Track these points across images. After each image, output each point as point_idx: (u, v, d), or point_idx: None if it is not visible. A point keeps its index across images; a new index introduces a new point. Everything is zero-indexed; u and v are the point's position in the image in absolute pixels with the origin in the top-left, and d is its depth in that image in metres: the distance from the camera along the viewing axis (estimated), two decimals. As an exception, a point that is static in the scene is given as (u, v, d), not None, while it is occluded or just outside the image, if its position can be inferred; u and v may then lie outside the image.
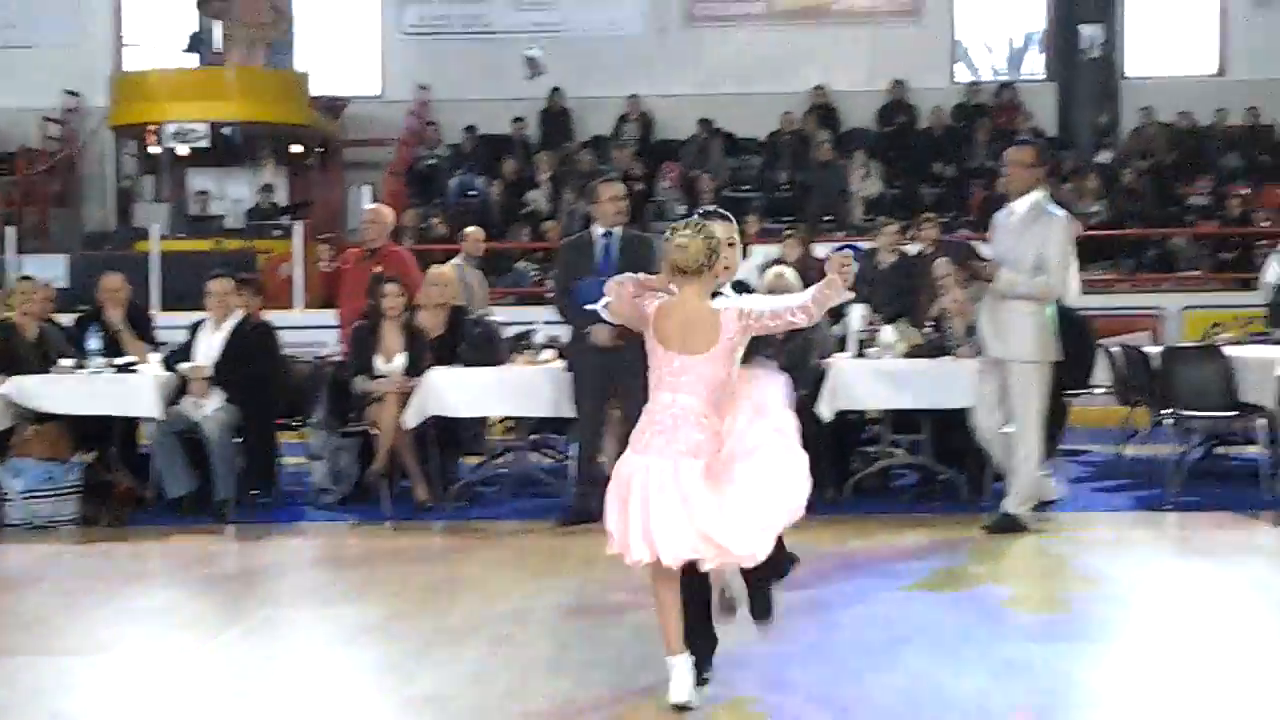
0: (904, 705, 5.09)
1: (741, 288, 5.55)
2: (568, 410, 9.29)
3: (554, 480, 10.14)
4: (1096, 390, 11.22)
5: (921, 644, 5.98)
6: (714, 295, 5.12)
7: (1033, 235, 8.52)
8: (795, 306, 5.07)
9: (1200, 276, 17.49)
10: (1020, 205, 8.64)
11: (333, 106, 21.27)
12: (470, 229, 12.60)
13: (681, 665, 5.08)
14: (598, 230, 9.09)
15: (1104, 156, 19.35)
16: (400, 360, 9.80)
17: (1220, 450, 11.34)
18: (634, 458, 5.05)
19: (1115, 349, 11.20)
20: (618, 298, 5.16)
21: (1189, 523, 9.07)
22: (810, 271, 10.78)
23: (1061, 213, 8.80)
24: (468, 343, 10.07)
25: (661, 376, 5.06)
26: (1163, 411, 9.91)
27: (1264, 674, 5.35)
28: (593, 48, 21.11)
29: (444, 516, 9.48)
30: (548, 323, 10.54)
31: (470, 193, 19.62)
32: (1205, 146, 19.73)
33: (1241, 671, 5.49)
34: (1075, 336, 10.06)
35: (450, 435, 9.98)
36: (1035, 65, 21.92)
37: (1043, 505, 8.89)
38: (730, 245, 5.25)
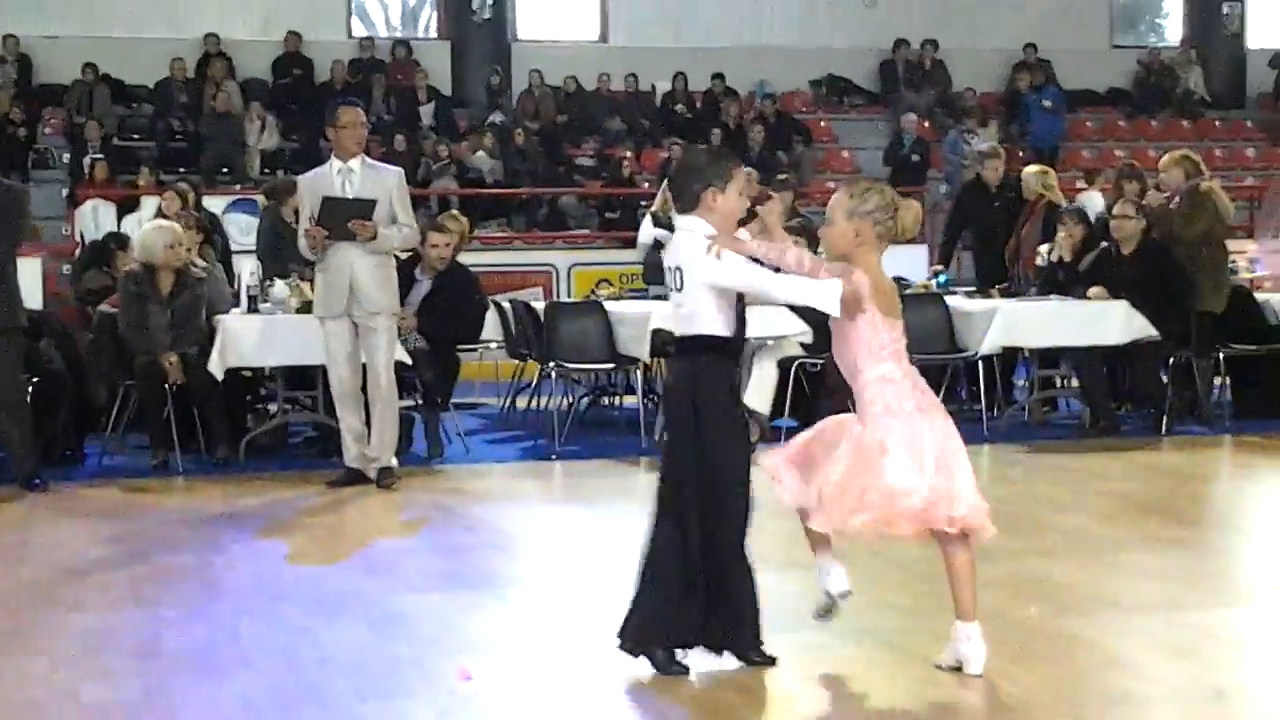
0: (282, 662, 5.03)
1: None
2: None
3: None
4: (491, 345, 11.51)
5: (302, 601, 5.93)
6: None
7: (377, 189, 8.57)
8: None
9: (588, 235, 18.27)
10: (355, 164, 8.65)
11: None
12: None
13: (976, 633, 4.86)
14: (-44, 178, 8.47)
15: (497, 116, 19.80)
16: None
17: (603, 401, 11.93)
18: (923, 418, 4.86)
19: (506, 305, 11.52)
20: (846, 283, 4.78)
21: (573, 470, 9.46)
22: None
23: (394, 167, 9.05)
24: None
25: (899, 347, 4.93)
26: (549, 364, 10.28)
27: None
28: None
29: None
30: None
31: None
32: (591, 109, 20.56)
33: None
34: (465, 293, 10.30)
35: None
36: (429, 24, 22.13)
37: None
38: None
